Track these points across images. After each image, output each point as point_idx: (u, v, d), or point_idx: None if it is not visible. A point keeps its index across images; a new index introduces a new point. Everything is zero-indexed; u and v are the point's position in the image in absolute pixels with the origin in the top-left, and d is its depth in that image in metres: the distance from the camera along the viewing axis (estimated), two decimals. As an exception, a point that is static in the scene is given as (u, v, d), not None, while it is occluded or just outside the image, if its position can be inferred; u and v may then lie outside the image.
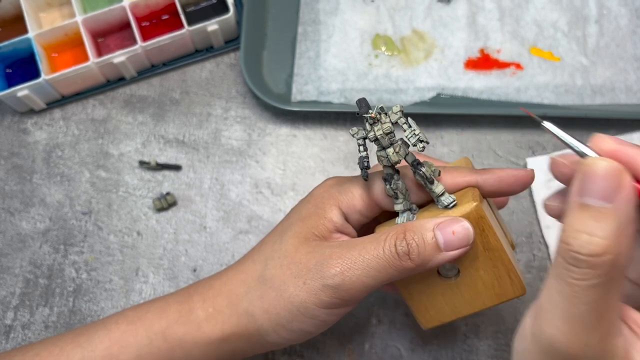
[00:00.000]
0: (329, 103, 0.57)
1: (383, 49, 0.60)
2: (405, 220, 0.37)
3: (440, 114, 0.57)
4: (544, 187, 0.54)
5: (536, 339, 0.28)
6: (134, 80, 0.60)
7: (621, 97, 0.57)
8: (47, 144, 0.58)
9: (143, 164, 0.57)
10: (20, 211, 0.56)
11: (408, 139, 0.36)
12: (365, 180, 0.37)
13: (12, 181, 0.57)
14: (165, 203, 0.55)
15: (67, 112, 0.60)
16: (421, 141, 0.36)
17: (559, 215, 0.31)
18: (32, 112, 0.60)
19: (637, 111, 0.56)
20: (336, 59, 0.59)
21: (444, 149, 0.57)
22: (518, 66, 0.58)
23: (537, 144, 0.57)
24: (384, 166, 0.36)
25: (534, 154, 0.57)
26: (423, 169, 0.36)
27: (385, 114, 0.36)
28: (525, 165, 0.56)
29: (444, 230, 0.34)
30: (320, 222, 0.39)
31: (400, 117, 0.36)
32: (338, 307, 0.38)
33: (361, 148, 0.37)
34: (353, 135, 0.36)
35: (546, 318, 0.27)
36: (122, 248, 0.55)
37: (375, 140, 0.36)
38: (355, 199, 0.39)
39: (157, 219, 0.56)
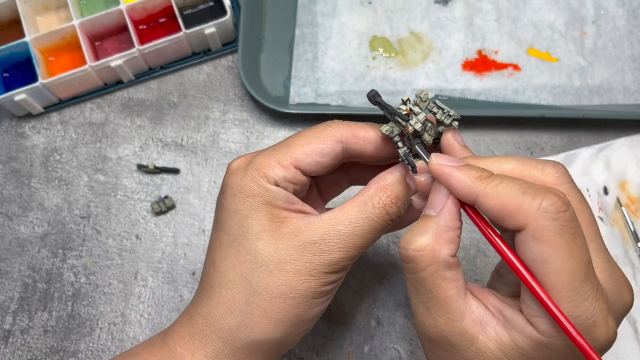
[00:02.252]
0: (326, 105, 0.57)
1: (381, 50, 0.60)
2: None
3: (438, 116, 0.57)
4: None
5: (416, 329, 0.35)
6: (131, 83, 0.60)
7: (619, 97, 0.57)
8: (45, 148, 0.58)
9: (141, 167, 0.57)
10: (18, 215, 0.56)
11: (442, 121, 0.36)
12: (415, 172, 0.36)
13: (10, 185, 0.57)
14: (164, 206, 0.55)
15: (64, 115, 0.60)
16: (456, 120, 0.36)
17: (421, 209, 0.36)
18: (29, 116, 0.60)
19: (635, 112, 0.56)
20: (334, 61, 0.59)
21: (442, 151, 0.57)
22: (516, 67, 0.58)
23: (536, 145, 0.57)
24: (417, 152, 0.36)
25: (532, 155, 0.57)
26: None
27: (415, 103, 0.36)
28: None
29: (413, 177, 0.36)
30: (270, 204, 0.36)
31: (429, 103, 0.36)
32: (343, 275, 0.38)
33: (400, 144, 0.36)
34: (389, 135, 0.36)
35: (412, 310, 0.34)
36: (120, 252, 0.55)
37: (414, 133, 0.35)
38: (294, 152, 0.37)
39: (156, 223, 0.55)
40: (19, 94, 0.55)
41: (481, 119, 0.58)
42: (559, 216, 0.29)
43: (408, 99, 0.36)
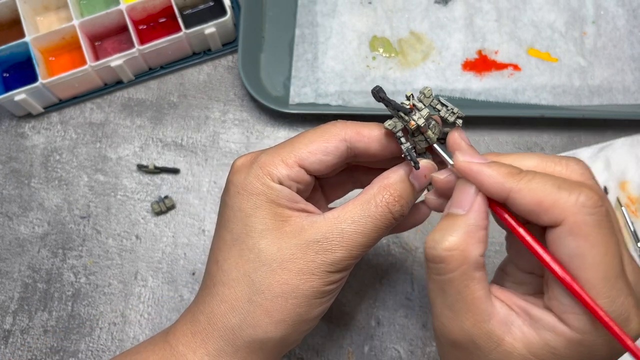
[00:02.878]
0: (326, 105, 0.57)
1: (381, 50, 0.60)
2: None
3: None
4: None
5: (435, 332, 0.34)
6: (131, 83, 0.60)
7: (619, 97, 0.57)
8: (45, 148, 0.58)
9: (141, 167, 0.57)
10: (18, 216, 0.56)
11: (446, 118, 0.36)
12: (418, 169, 0.36)
13: (10, 185, 0.57)
14: (164, 206, 0.55)
15: (64, 115, 0.60)
16: (460, 117, 0.36)
17: (437, 208, 0.36)
18: (29, 116, 0.60)
19: (635, 112, 0.56)
20: (334, 61, 0.59)
21: (442, 151, 0.57)
22: (516, 67, 0.58)
23: (536, 145, 0.57)
24: (421, 149, 0.36)
25: (532, 155, 0.57)
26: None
27: (418, 99, 0.36)
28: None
29: (417, 175, 0.37)
30: (274, 202, 0.36)
31: (433, 99, 0.36)
32: (346, 275, 0.38)
33: (403, 139, 0.35)
34: (391, 130, 0.35)
35: (434, 313, 0.33)
36: (120, 252, 0.55)
37: (417, 128, 0.35)
38: (298, 151, 0.37)
39: (156, 223, 0.55)
40: (19, 94, 0.55)
41: (481, 119, 0.58)
42: (596, 211, 0.29)
43: (412, 94, 0.36)
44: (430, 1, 0.61)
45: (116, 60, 0.56)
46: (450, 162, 0.34)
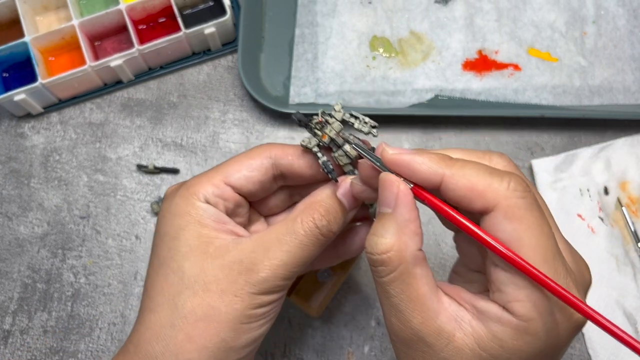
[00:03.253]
0: (326, 105, 0.57)
1: (381, 50, 0.60)
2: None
3: (438, 116, 0.57)
4: (550, 188, 0.54)
5: (389, 333, 0.34)
6: (131, 83, 0.60)
7: (619, 97, 0.57)
8: (45, 148, 0.58)
9: (141, 167, 0.57)
10: (18, 216, 0.56)
11: (361, 130, 0.37)
12: (336, 181, 0.36)
13: (9, 186, 0.57)
14: (164, 207, 0.55)
15: (64, 115, 0.60)
16: (373, 127, 0.36)
17: (361, 195, 0.36)
18: (29, 116, 0.59)
19: (635, 112, 0.56)
20: (334, 61, 0.59)
21: (443, 151, 0.57)
22: (516, 67, 0.58)
23: (536, 145, 0.57)
24: (344, 164, 0.36)
25: (532, 155, 0.57)
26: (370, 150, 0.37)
27: (329, 114, 0.36)
28: (529, 167, 0.56)
29: (344, 193, 0.36)
30: (199, 222, 0.36)
31: (344, 113, 0.37)
32: (277, 299, 0.36)
33: (319, 154, 0.36)
34: (306, 146, 0.36)
35: (384, 314, 0.33)
36: (120, 252, 0.55)
37: (331, 141, 0.36)
38: (226, 173, 0.37)
39: (156, 223, 0.55)
40: (19, 94, 0.55)
41: (481, 119, 0.57)
42: (526, 194, 0.29)
43: (323, 111, 0.36)
44: (431, 1, 0.61)
45: (116, 60, 0.56)
46: (376, 162, 0.33)
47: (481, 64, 0.58)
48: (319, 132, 0.36)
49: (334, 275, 0.48)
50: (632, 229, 0.52)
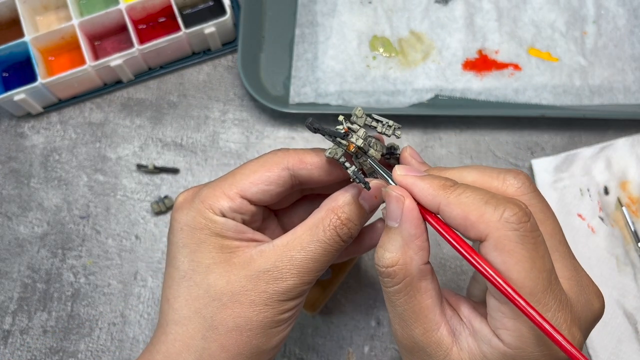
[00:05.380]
0: (327, 105, 0.57)
1: (381, 50, 0.60)
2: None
3: (439, 116, 0.57)
4: (550, 188, 0.54)
5: (394, 339, 0.34)
6: (131, 83, 0.60)
7: (619, 97, 0.57)
8: (45, 148, 0.58)
9: (141, 167, 0.57)
10: (18, 215, 0.56)
11: (384, 133, 0.36)
12: (369, 189, 0.35)
13: (9, 185, 0.57)
14: (164, 206, 0.55)
15: (64, 115, 0.59)
16: (398, 129, 0.36)
17: None
18: (29, 116, 0.59)
19: (636, 111, 0.56)
20: (334, 60, 0.59)
21: (442, 151, 0.57)
22: (516, 67, 0.58)
23: (536, 145, 0.57)
24: (369, 171, 0.36)
25: (532, 154, 0.57)
26: (398, 151, 0.37)
27: (350, 120, 0.36)
28: (529, 167, 0.56)
29: (366, 197, 0.36)
30: (219, 235, 0.35)
31: (366, 118, 0.36)
32: (301, 301, 0.37)
33: (347, 164, 0.35)
34: (333, 157, 0.35)
35: (390, 321, 0.34)
36: (120, 252, 0.54)
37: (358, 149, 0.35)
38: (239, 182, 0.36)
39: (156, 223, 0.55)
40: (19, 94, 0.55)
41: (482, 118, 0.57)
42: (520, 226, 0.29)
43: (344, 118, 0.35)
44: (431, 1, 0.61)
45: (116, 60, 0.56)
46: (390, 180, 0.34)
47: (481, 63, 0.58)
48: (343, 142, 0.35)
49: (333, 273, 0.48)
50: (633, 229, 0.52)
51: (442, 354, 0.32)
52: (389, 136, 0.36)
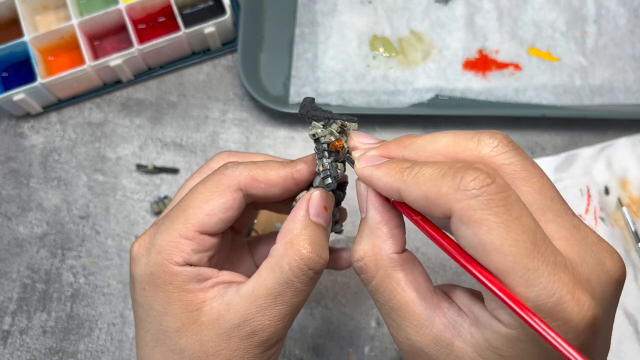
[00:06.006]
0: (327, 105, 0.57)
1: (381, 50, 0.59)
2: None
3: (439, 115, 0.57)
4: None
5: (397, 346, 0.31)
6: (130, 83, 0.60)
7: (620, 97, 0.57)
8: (44, 148, 0.58)
9: (140, 167, 0.57)
10: (17, 216, 0.56)
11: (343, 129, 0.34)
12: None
13: (9, 185, 0.57)
14: (163, 206, 0.55)
15: (63, 115, 0.59)
16: (352, 121, 0.34)
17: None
18: (28, 115, 0.59)
19: (636, 111, 0.56)
20: (334, 60, 0.59)
21: (443, 151, 0.57)
22: (517, 67, 0.58)
23: (537, 145, 0.57)
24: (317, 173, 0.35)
25: (533, 154, 0.56)
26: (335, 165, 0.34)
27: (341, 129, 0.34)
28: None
29: (318, 213, 0.33)
30: (183, 290, 0.33)
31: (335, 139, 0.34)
32: (283, 341, 0.35)
33: (326, 153, 0.33)
34: (317, 138, 0.33)
35: (387, 327, 0.31)
36: (120, 252, 0.54)
37: (339, 149, 0.34)
38: (195, 219, 0.33)
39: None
40: (18, 94, 0.55)
41: (482, 118, 0.57)
42: (482, 191, 0.26)
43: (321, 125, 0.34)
44: (431, 0, 0.61)
45: (115, 60, 0.56)
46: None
47: (482, 63, 0.58)
48: (334, 134, 0.34)
49: None
50: (633, 229, 0.52)
51: (443, 352, 0.28)
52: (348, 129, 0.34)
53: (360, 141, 0.33)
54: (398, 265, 0.30)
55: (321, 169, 0.34)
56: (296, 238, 0.32)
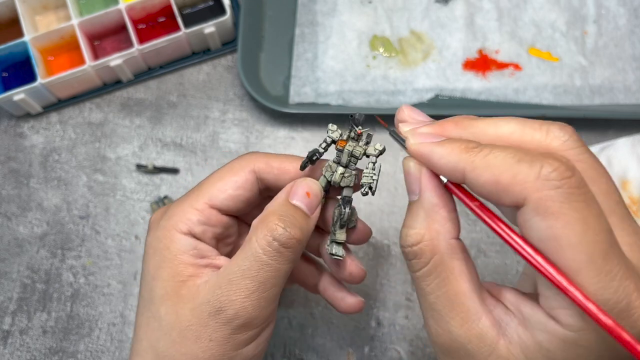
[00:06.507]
0: (326, 105, 0.57)
1: (381, 50, 0.59)
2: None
3: (439, 116, 0.57)
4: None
5: (430, 339, 0.30)
6: (130, 83, 0.60)
7: (620, 97, 0.57)
8: (44, 148, 0.58)
9: (140, 167, 0.57)
10: (17, 216, 0.56)
11: (362, 178, 0.34)
12: (301, 169, 0.34)
13: (9, 185, 0.57)
14: (163, 207, 0.55)
15: (63, 115, 0.59)
16: (370, 189, 0.34)
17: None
18: (28, 115, 0.59)
19: (636, 111, 0.56)
20: (334, 60, 0.59)
21: (443, 151, 0.57)
22: (516, 67, 0.58)
23: (536, 145, 0.57)
24: (322, 175, 0.35)
25: (533, 154, 0.56)
26: (347, 210, 0.34)
27: (368, 142, 0.35)
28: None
29: (299, 197, 0.33)
30: (176, 259, 0.33)
31: (374, 157, 0.34)
32: (260, 333, 0.34)
33: (324, 144, 0.34)
34: (329, 130, 0.34)
35: (423, 317, 0.30)
36: (120, 252, 0.54)
37: (339, 151, 0.34)
38: (194, 206, 0.34)
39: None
40: (18, 94, 0.55)
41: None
42: (563, 183, 0.24)
43: (370, 134, 0.35)
44: (431, 0, 0.61)
45: (115, 60, 0.56)
46: (403, 144, 0.31)
47: (482, 63, 0.58)
48: (344, 135, 0.35)
49: None
50: (633, 229, 0.52)
51: (486, 350, 0.27)
52: (361, 184, 0.34)
53: (411, 115, 0.32)
54: (454, 253, 0.28)
55: (329, 172, 0.35)
56: (269, 214, 0.32)
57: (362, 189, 0.34)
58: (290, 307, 0.51)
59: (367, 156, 0.35)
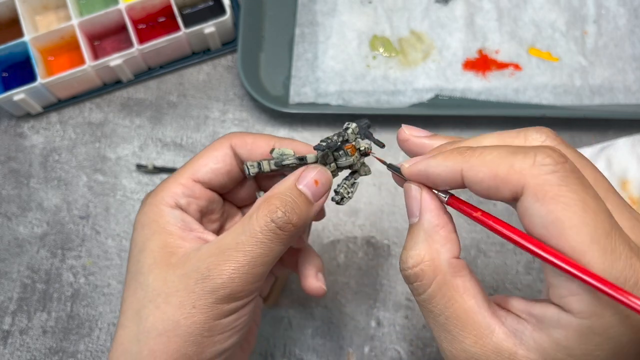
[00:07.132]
0: (326, 105, 0.57)
1: (381, 50, 0.59)
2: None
3: (439, 115, 0.57)
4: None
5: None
6: (130, 83, 0.60)
7: (620, 97, 0.57)
8: (44, 148, 0.58)
9: (140, 167, 0.57)
10: (17, 216, 0.56)
11: (338, 186, 0.36)
12: (315, 149, 0.35)
13: (9, 185, 0.57)
14: (163, 207, 0.55)
15: (63, 115, 0.59)
16: (342, 199, 0.36)
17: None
18: (28, 116, 0.59)
19: (636, 111, 0.56)
20: (334, 60, 0.59)
21: (443, 151, 0.57)
22: (516, 67, 0.58)
23: (536, 145, 0.57)
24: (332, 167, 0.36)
25: (533, 154, 0.56)
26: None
27: (363, 163, 0.36)
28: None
29: (306, 183, 0.34)
30: (164, 231, 0.34)
31: (359, 176, 0.36)
32: (243, 306, 0.34)
33: (340, 139, 0.35)
34: (347, 127, 0.35)
35: (437, 342, 0.30)
36: (120, 252, 0.54)
37: (342, 150, 0.35)
38: (188, 178, 0.36)
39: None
40: (18, 94, 0.55)
41: (482, 118, 0.57)
42: (559, 167, 0.25)
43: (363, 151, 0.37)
44: (431, 0, 0.61)
45: (115, 60, 0.56)
46: (398, 172, 0.32)
47: (482, 63, 0.58)
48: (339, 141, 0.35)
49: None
50: (633, 229, 0.52)
51: None
52: (334, 192, 0.36)
53: (411, 133, 0.33)
54: (457, 271, 0.29)
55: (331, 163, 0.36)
56: (273, 195, 0.33)
57: (336, 196, 0.36)
58: (290, 307, 0.51)
59: (355, 172, 0.36)
